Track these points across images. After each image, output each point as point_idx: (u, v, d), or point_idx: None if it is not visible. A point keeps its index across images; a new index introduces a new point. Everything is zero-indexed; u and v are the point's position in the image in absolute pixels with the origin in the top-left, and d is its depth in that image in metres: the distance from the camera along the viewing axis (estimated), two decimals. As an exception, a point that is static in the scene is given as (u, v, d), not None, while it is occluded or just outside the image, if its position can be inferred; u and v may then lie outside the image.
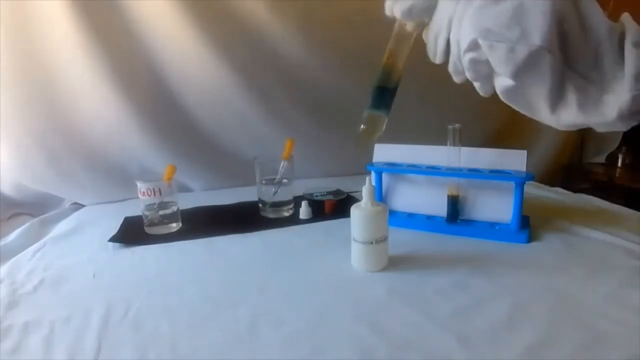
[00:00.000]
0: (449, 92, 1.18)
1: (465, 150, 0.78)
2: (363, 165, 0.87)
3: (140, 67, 1.09)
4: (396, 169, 0.85)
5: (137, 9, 1.06)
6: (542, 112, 0.38)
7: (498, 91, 0.41)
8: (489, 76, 0.40)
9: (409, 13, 0.42)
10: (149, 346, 0.49)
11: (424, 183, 0.85)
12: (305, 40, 1.18)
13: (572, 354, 0.45)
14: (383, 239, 0.65)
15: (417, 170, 0.84)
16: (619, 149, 1.60)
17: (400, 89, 0.50)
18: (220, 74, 1.13)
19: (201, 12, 1.08)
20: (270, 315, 0.55)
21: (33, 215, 1.09)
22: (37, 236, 0.91)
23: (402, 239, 0.75)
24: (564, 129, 0.39)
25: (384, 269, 0.66)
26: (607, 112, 0.36)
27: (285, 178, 0.93)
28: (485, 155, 0.80)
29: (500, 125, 1.46)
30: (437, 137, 0.81)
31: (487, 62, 0.38)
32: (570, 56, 0.36)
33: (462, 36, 0.39)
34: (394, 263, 0.67)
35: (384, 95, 0.50)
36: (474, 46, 0.38)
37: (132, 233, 0.86)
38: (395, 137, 0.81)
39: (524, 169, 0.77)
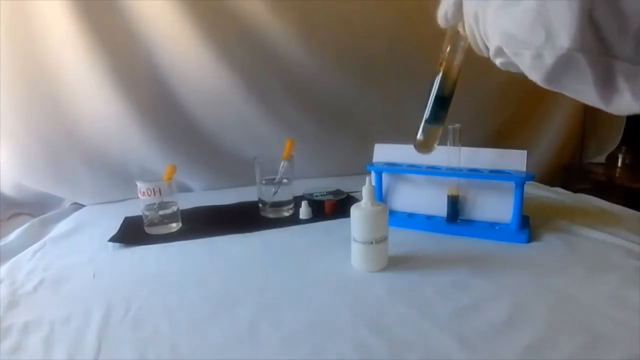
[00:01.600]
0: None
1: (465, 150, 0.78)
2: (363, 165, 0.87)
3: (141, 67, 1.09)
4: (396, 169, 0.85)
5: (137, 9, 1.06)
6: (594, 102, 0.34)
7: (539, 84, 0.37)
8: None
9: (445, 20, 0.40)
10: (149, 346, 0.49)
11: (424, 183, 0.85)
12: (305, 40, 1.19)
13: (572, 354, 0.45)
14: (383, 239, 0.65)
15: (417, 170, 0.84)
16: (618, 149, 1.60)
17: (400, 88, 0.50)
18: (220, 74, 1.13)
19: (201, 12, 1.08)
20: (270, 315, 0.55)
21: (33, 215, 1.09)
22: (37, 236, 0.91)
23: (402, 239, 0.75)
24: (623, 114, 0.35)
25: (384, 269, 0.66)
26: None
27: (285, 178, 0.93)
28: (485, 155, 0.80)
29: (500, 125, 1.46)
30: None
31: None
32: (610, 44, 0.31)
33: (488, 38, 0.36)
34: (394, 263, 0.67)
35: (442, 105, 0.48)
36: (500, 52, 0.35)
37: (132, 233, 0.86)
38: (395, 137, 0.82)
39: (524, 169, 0.77)
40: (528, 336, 0.48)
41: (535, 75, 0.33)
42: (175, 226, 0.88)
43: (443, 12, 0.40)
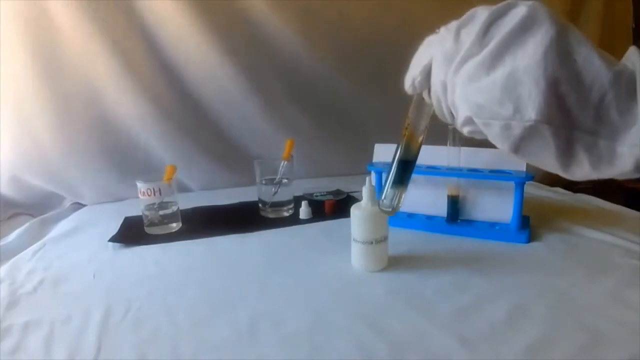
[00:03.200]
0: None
1: (465, 150, 0.78)
2: (363, 165, 0.87)
3: (142, 69, 1.09)
4: (396, 169, 0.85)
5: (138, 7, 1.06)
6: (554, 169, 0.36)
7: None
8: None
9: (412, 87, 0.40)
10: (149, 346, 0.49)
11: (424, 183, 0.85)
12: (306, 40, 1.19)
13: (572, 354, 0.45)
14: (383, 239, 0.65)
15: (417, 170, 0.83)
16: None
17: (401, 88, 0.50)
18: (221, 75, 1.13)
19: (204, 12, 1.08)
20: (270, 315, 0.55)
21: (33, 215, 1.09)
22: (37, 236, 0.91)
23: (402, 239, 0.75)
24: (579, 180, 0.37)
25: (384, 269, 0.66)
26: (622, 165, 0.33)
27: (285, 178, 0.93)
28: (485, 155, 0.80)
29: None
30: (437, 137, 0.81)
31: None
32: (573, 117, 0.32)
33: (457, 108, 0.36)
34: (394, 263, 0.67)
35: (406, 169, 0.49)
36: (468, 122, 0.36)
37: (132, 233, 0.86)
38: (395, 137, 0.81)
39: (524, 169, 0.77)
40: (528, 336, 0.48)
41: (503, 144, 0.35)
42: (175, 226, 0.88)
43: (410, 80, 0.40)
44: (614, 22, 1.43)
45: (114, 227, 0.89)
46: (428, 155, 0.84)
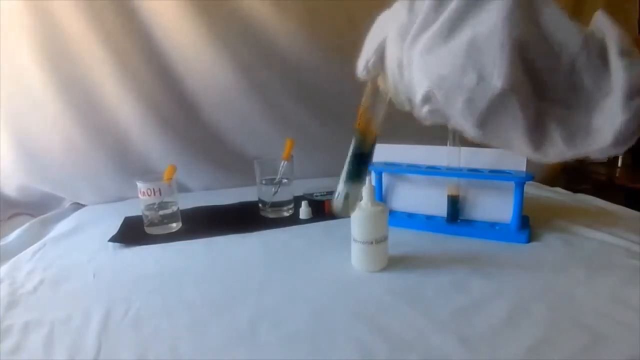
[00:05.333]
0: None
1: (465, 150, 0.78)
2: (363, 165, 0.87)
3: (142, 68, 1.09)
4: (396, 169, 0.85)
5: (138, 6, 1.06)
6: (524, 150, 0.32)
7: (468, 135, 0.34)
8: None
9: (366, 69, 0.37)
10: (149, 346, 0.49)
11: (424, 183, 0.85)
12: (307, 40, 1.18)
13: (572, 354, 0.45)
14: (383, 239, 0.65)
15: (417, 170, 0.84)
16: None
17: None
18: (222, 74, 1.13)
19: (205, 12, 1.08)
20: (270, 315, 0.55)
21: (33, 215, 1.09)
22: (37, 236, 0.91)
23: (402, 239, 0.75)
24: (551, 161, 0.32)
25: (384, 269, 0.66)
26: (600, 140, 0.29)
27: (285, 178, 0.93)
28: (485, 155, 0.80)
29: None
30: (437, 137, 0.81)
31: None
32: (543, 85, 0.29)
33: (415, 84, 0.32)
34: (394, 263, 0.67)
35: (362, 162, 0.44)
36: (427, 99, 0.32)
37: (132, 233, 0.86)
38: (395, 137, 0.82)
39: (524, 169, 0.77)
40: (528, 336, 0.48)
41: (467, 121, 0.31)
42: (175, 226, 0.88)
43: (364, 62, 0.36)
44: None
45: (114, 227, 0.89)
46: (428, 155, 0.85)
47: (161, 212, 0.85)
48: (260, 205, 0.95)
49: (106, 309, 0.57)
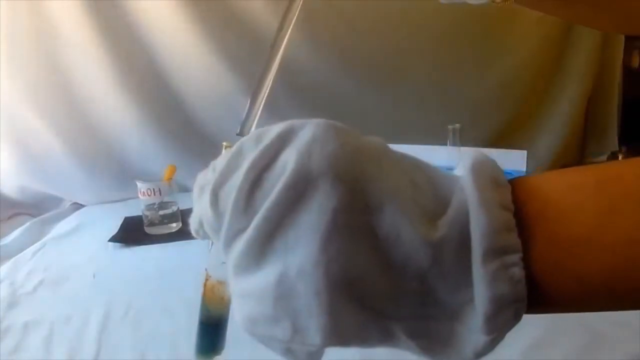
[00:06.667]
0: (449, 92, 1.18)
1: (465, 150, 0.78)
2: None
3: (142, 67, 1.09)
4: (396, 169, 0.85)
5: (138, 7, 1.06)
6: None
7: None
8: None
9: (197, 235, 0.27)
10: (148, 346, 0.49)
11: (424, 183, 0.84)
12: (307, 41, 1.18)
13: (572, 354, 0.45)
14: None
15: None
16: (619, 148, 1.60)
17: (401, 89, 0.48)
18: (221, 75, 1.13)
19: (204, 12, 1.08)
20: (270, 315, 0.55)
21: (33, 215, 1.09)
22: (37, 236, 0.91)
23: (402, 239, 0.75)
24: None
25: (384, 269, 0.66)
26: (462, 350, 0.23)
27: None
28: (485, 155, 0.80)
29: (501, 125, 1.46)
30: (437, 137, 0.81)
31: None
32: (383, 312, 0.21)
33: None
34: (394, 263, 0.67)
35: (213, 332, 0.38)
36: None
37: (132, 233, 0.86)
38: (395, 137, 0.82)
39: (524, 169, 0.77)
40: (528, 336, 0.48)
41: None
42: (175, 226, 0.87)
43: (195, 224, 0.25)
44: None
45: (114, 227, 0.89)
46: (428, 155, 0.84)
47: (161, 212, 0.85)
48: (260, 205, 0.95)
49: (106, 309, 0.57)
